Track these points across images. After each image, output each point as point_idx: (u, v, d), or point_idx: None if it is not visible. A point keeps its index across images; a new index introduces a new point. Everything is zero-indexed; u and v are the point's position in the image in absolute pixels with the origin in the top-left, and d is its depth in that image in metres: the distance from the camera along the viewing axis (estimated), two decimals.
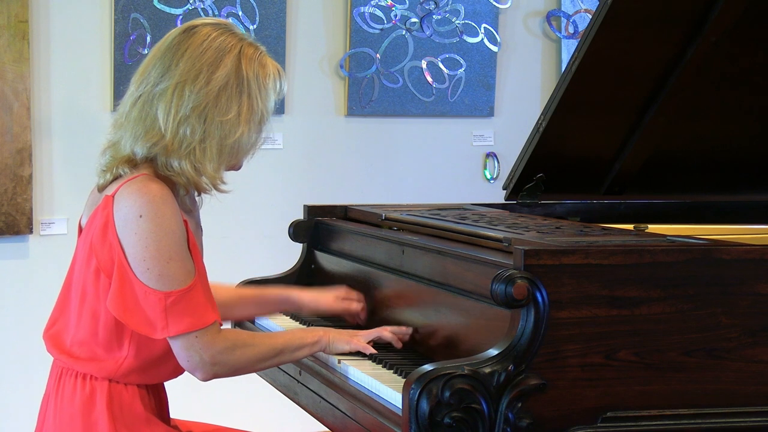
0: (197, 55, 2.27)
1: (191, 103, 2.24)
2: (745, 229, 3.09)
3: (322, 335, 2.44)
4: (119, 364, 2.27)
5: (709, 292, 2.11)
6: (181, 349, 2.23)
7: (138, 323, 2.21)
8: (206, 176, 2.28)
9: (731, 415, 2.12)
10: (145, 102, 2.27)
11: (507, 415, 1.98)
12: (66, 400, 2.30)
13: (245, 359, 2.30)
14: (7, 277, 4.29)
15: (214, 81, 2.26)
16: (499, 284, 2.00)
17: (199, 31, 2.30)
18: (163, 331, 2.19)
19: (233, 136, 2.28)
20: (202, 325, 2.22)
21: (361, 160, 4.79)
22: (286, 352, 2.37)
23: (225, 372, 2.28)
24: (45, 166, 4.29)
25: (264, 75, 2.32)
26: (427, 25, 4.80)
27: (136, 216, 2.19)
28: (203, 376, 2.26)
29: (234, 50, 2.29)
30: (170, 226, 2.20)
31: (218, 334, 2.25)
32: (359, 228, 2.91)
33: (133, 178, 2.24)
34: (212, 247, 4.44)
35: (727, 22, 2.89)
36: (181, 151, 2.25)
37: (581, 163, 3.14)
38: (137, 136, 2.26)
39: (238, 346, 2.28)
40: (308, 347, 2.41)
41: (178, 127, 2.24)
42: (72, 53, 4.32)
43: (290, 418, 4.04)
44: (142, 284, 2.19)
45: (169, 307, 2.18)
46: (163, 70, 2.27)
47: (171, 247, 2.20)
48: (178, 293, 2.19)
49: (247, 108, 2.29)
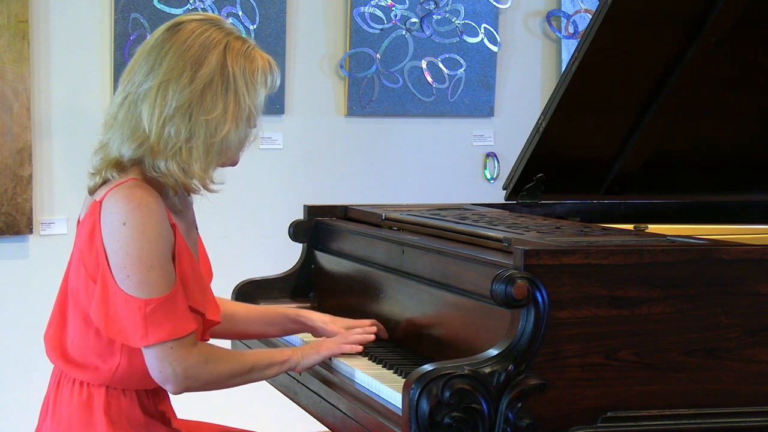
0: (181, 53, 2.21)
1: (175, 103, 2.19)
2: (745, 229, 3.09)
3: (291, 354, 2.41)
4: (113, 372, 2.26)
5: (709, 292, 2.11)
6: (155, 360, 2.19)
7: (118, 331, 2.18)
8: (194, 176, 2.23)
9: (731, 415, 2.12)
10: (131, 103, 2.23)
11: (507, 415, 1.98)
12: (64, 405, 2.29)
13: (217, 375, 2.26)
14: (7, 277, 4.29)
15: (199, 79, 2.20)
16: (499, 284, 2.00)
17: (184, 27, 2.24)
18: (143, 339, 2.17)
19: (219, 134, 2.22)
20: (181, 334, 2.19)
21: (361, 160, 4.79)
22: (257, 370, 2.34)
23: (196, 386, 2.25)
24: (45, 166, 4.29)
25: (252, 69, 2.26)
26: (427, 25, 4.80)
27: (120, 223, 2.16)
28: (174, 389, 2.24)
29: (219, 45, 2.23)
30: (153, 234, 2.17)
31: (193, 348, 2.22)
32: (359, 228, 2.91)
33: (120, 184, 2.21)
34: (212, 247, 4.44)
35: (727, 22, 2.89)
36: (167, 151, 2.20)
37: (581, 163, 3.14)
38: (124, 138, 2.23)
39: (211, 360, 2.25)
40: (278, 366, 2.38)
41: (163, 128, 2.19)
42: (72, 53, 4.31)
43: (290, 418, 4.04)
44: (123, 291, 2.16)
45: (148, 315, 2.16)
46: (147, 69, 2.22)
47: (152, 256, 2.17)
48: (157, 301, 2.16)
49: (234, 105, 2.23)
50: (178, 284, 2.21)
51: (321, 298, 3.07)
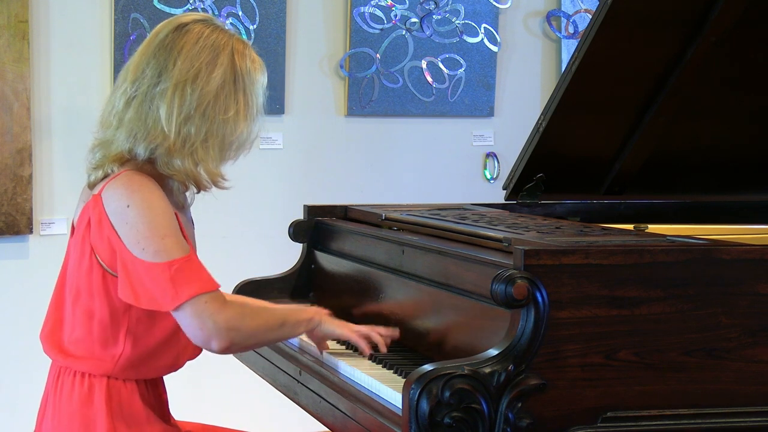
0: (194, 54, 2.30)
1: (194, 103, 2.28)
2: (745, 229, 3.09)
3: (314, 314, 2.45)
4: (116, 360, 2.29)
5: (709, 292, 2.11)
6: (193, 318, 2.21)
7: (149, 301, 2.21)
8: (208, 173, 2.32)
9: (731, 415, 2.12)
10: (142, 102, 2.29)
11: (507, 415, 1.98)
12: (64, 398, 2.31)
13: (254, 326, 2.30)
14: (7, 277, 4.29)
15: (213, 80, 2.29)
16: (499, 284, 2.00)
17: (191, 29, 2.32)
18: (175, 299, 2.19)
19: (235, 133, 2.32)
20: (210, 288, 2.23)
21: (361, 160, 4.79)
22: (287, 325, 2.38)
23: (240, 338, 2.26)
24: (45, 166, 4.29)
25: (254, 69, 2.37)
26: (427, 25, 4.80)
27: (124, 207, 2.23)
28: (220, 344, 2.23)
29: (227, 47, 2.33)
30: (158, 208, 2.23)
31: (226, 302, 2.25)
32: (359, 228, 2.91)
33: (116, 176, 2.27)
34: (212, 247, 4.46)
35: (727, 22, 2.89)
36: (185, 150, 2.28)
37: (581, 163, 3.14)
38: (137, 138, 2.29)
39: (246, 313, 2.29)
40: (304, 324, 2.42)
41: (182, 128, 2.27)
42: (72, 53, 4.32)
43: (290, 418, 4.04)
44: (144, 261, 2.20)
45: (174, 275, 2.20)
46: (159, 69, 2.29)
47: (163, 226, 2.22)
48: (180, 261, 2.21)
49: (244, 104, 2.33)
50: (193, 250, 2.28)
51: (321, 298, 3.07)
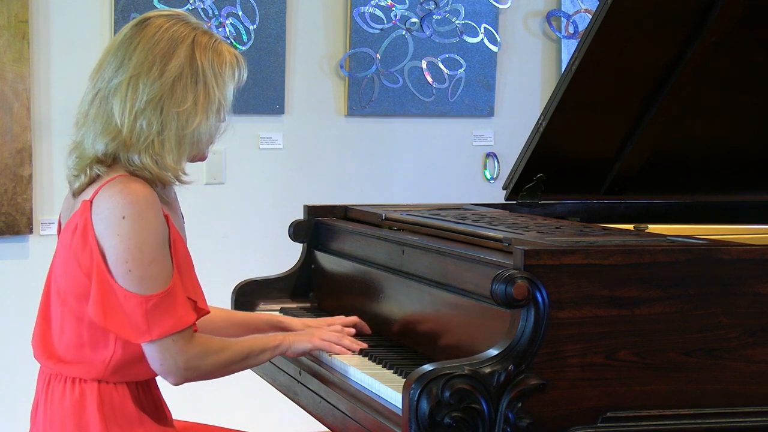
0: (150, 47, 2.26)
1: (146, 96, 2.23)
2: (745, 229, 3.09)
3: (282, 339, 2.44)
4: (107, 363, 2.26)
5: (709, 292, 2.11)
6: (157, 353, 2.22)
7: (119, 327, 2.20)
8: (168, 169, 2.26)
9: (731, 415, 2.12)
10: (102, 99, 2.26)
11: (507, 415, 1.98)
12: (56, 405, 2.28)
13: (216, 364, 2.30)
14: (7, 277, 4.29)
15: (168, 72, 2.25)
16: (499, 284, 2.00)
17: (151, 23, 2.29)
18: (144, 335, 2.19)
19: (191, 126, 2.26)
20: (182, 327, 2.22)
21: (361, 160, 4.79)
22: (251, 356, 2.38)
23: (196, 377, 2.28)
24: (45, 166, 4.29)
25: (220, 62, 2.31)
26: (427, 25, 4.80)
27: (119, 217, 2.18)
28: (175, 381, 2.27)
29: (187, 40, 2.28)
30: (154, 227, 2.20)
31: (192, 340, 2.25)
32: (359, 228, 2.91)
33: (112, 180, 2.23)
34: (212, 247, 4.46)
35: (727, 22, 2.89)
36: (140, 144, 2.23)
37: (581, 163, 3.14)
38: (97, 134, 2.26)
39: (209, 353, 2.28)
40: (270, 351, 2.41)
41: (135, 121, 2.23)
42: (72, 53, 4.31)
43: (290, 418, 4.05)
44: (122, 288, 2.18)
45: (150, 310, 2.18)
46: (117, 64, 2.26)
47: (154, 249, 2.19)
48: (158, 296, 2.19)
49: (204, 97, 2.27)
50: (176, 275, 2.24)
51: (321, 298, 3.08)
